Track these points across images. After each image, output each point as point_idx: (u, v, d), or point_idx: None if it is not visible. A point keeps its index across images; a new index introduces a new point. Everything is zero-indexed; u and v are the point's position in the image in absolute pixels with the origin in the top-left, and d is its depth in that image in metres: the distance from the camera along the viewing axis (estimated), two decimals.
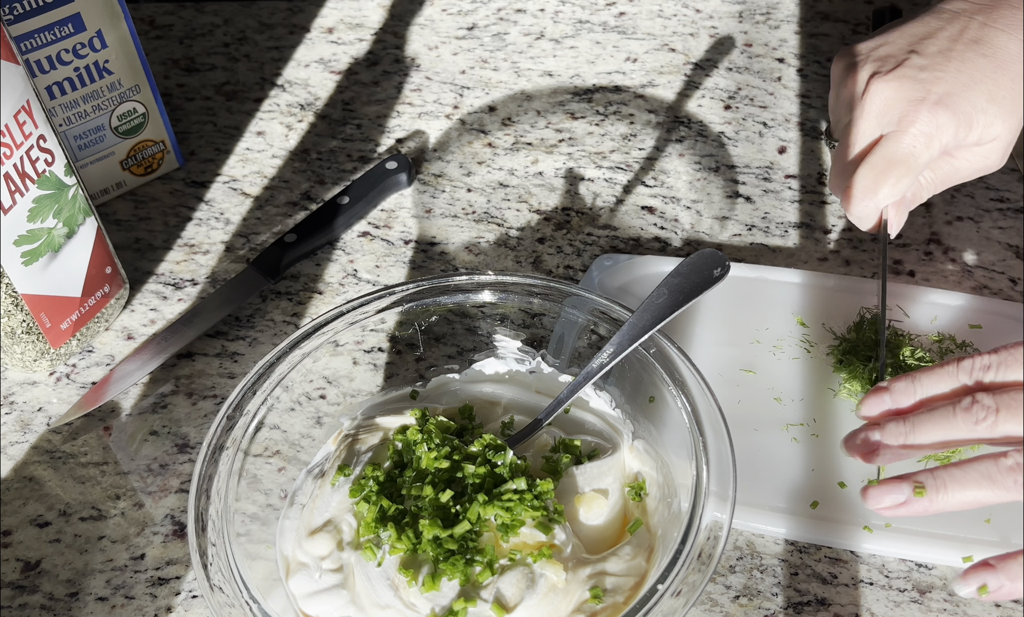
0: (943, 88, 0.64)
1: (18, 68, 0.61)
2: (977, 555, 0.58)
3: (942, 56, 0.65)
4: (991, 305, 0.71)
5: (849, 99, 0.67)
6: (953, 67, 0.64)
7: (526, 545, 0.54)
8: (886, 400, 0.54)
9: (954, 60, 0.65)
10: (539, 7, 1.02)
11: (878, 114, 0.65)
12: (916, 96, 0.64)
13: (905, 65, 0.65)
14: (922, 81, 0.64)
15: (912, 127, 0.64)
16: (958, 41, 0.66)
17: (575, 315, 0.64)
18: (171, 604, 0.59)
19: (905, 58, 0.65)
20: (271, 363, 0.60)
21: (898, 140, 0.64)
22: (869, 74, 0.66)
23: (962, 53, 0.65)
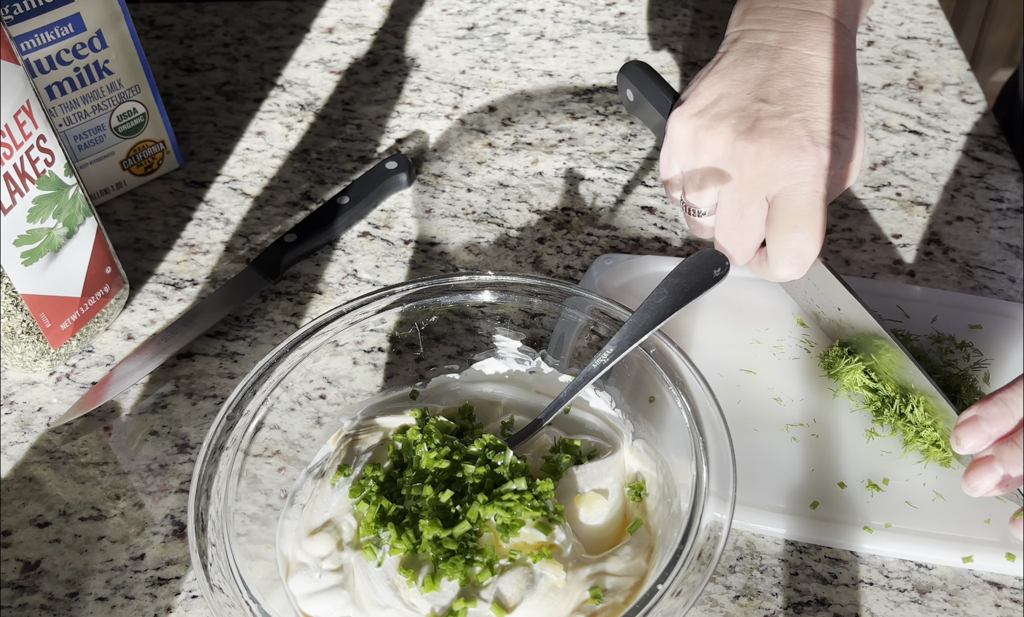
0: (812, 127, 0.61)
1: (18, 68, 0.61)
2: (977, 555, 0.59)
3: (789, 98, 0.62)
4: (991, 305, 0.71)
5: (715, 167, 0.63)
6: (806, 104, 0.62)
7: (526, 545, 0.54)
8: (984, 429, 0.53)
9: (803, 98, 0.62)
10: (539, 7, 1.02)
11: (762, 176, 0.61)
12: (794, 145, 0.60)
13: (762, 118, 0.61)
14: (790, 128, 0.61)
15: (807, 175, 0.60)
16: (791, 77, 0.63)
17: (575, 315, 0.64)
18: (171, 604, 0.59)
19: (757, 109, 0.62)
20: (271, 363, 0.60)
21: (799, 192, 0.61)
22: (732, 137, 0.62)
23: (803, 89, 0.62)
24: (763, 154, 0.61)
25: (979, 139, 0.86)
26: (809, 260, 0.62)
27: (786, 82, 0.63)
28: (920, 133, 0.87)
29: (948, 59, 0.95)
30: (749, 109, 0.62)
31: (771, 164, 0.61)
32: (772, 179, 0.61)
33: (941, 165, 0.84)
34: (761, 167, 0.61)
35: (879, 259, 0.77)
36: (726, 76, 0.64)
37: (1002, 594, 0.58)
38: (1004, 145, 0.85)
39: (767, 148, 0.61)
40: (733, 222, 0.63)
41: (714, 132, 0.62)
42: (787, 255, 0.62)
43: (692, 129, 0.64)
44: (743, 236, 0.64)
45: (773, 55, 0.64)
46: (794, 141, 0.61)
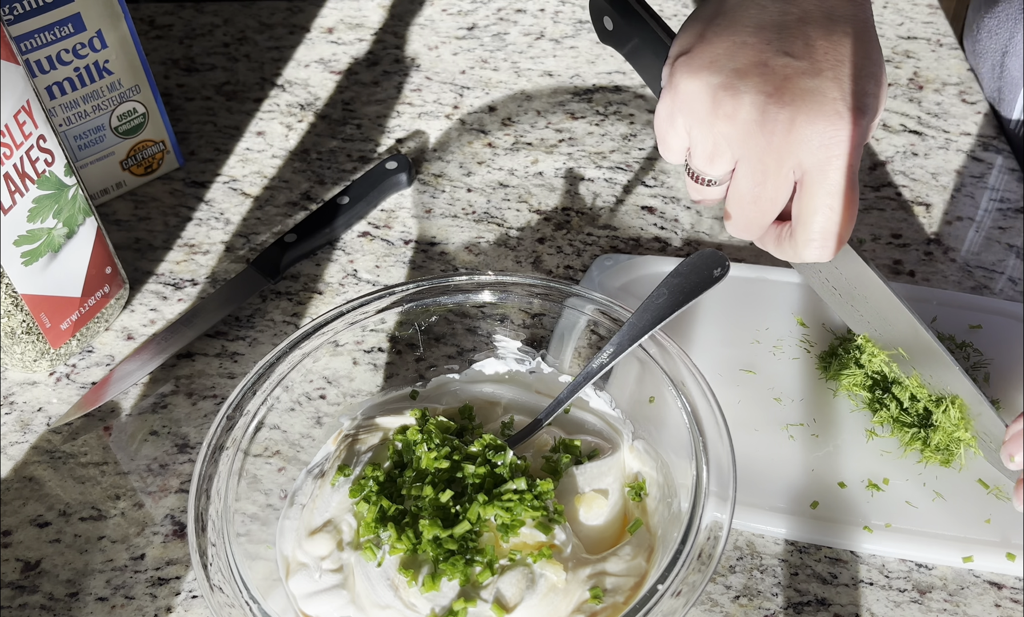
0: (847, 89, 0.54)
1: (18, 68, 0.61)
2: (977, 555, 0.59)
3: (815, 50, 0.54)
4: (991, 305, 0.71)
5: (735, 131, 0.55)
6: (835, 59, 0.54)
7: (526, 545, 0.54)
8: None
9: (831, 51, 0.54)
10: (539, 7, 1.02)
11: (792, 144, 0.54)
12: (829, 111, 0.53)
13: (792, 76, 0.53)
14: (823, 90, 0.53)
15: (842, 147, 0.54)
16: (813, 24, 0.55)
17: (575, 315, 0.64)
18: (171, 604, 0.59)
19: (784, 64, 0.54)
20: (271, 363, 0.60)
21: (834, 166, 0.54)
22: (760, 99, 0.53)
23: (829, 38, 0.54)
24: (797, 120, 0.53)
25: (979, 139, 0.86)
26: (842, 242, 0.56)
27: (810, 30, 0.55)
28: (920, 133, 0.87)
29: (948, 59, 0.95)
30: (773, 64, 0.54)
31: (806, 132, 0.53)
32: (806, 149, 0.54)
33: (941, 165, 0.84)
34: (795, 134, 0.53)
35: (879, 259, 0.77)
36: (736, 20, 0.55)
37: (1002, 594, 0.58)
38: (1004, 145, 0.85)
39: (801, 113, 0.53)
40: (752, 194, 0.56)
41: (737, 93, 0.54)
42: (819, 236, 0.55)
43: (707, 86, 0.55)
44: (761, 209, 0.57)
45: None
46: (830, 106, 0.53)
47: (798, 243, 0.56)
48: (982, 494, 0.61)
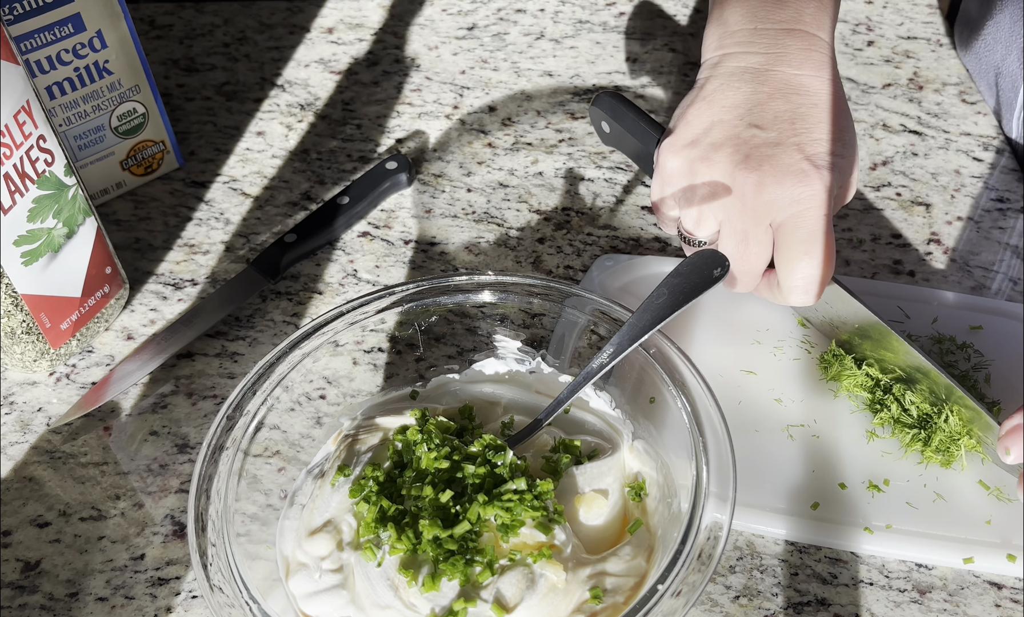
0: (809, 150, 0.60)
1: (18, 68, 0.61)
2: (978, 556, 0.59)
3: (782, 121, 0.61)
4: (992, 305, 0.71)
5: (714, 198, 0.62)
6: (801, 127, 0.61)
7: (526, 545, 0.54)
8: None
9: (797, 121, 0.61)
10: (539, 7, 1.02)
11: (766, 205, 0.60)
12: (794, 171, 0.59)
13: (759, 145, 0.60)
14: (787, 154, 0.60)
15: (813, 200, 0.60)
16: (782, 99, 0.62)
17: (575, 315, 0.64)
18: (171, 604, 0.59)
19: (752, 136, 0.61)
20: (271, 363, 0.60)
21: (806, 218, 0.60)
22: (730, 167, 0.60)
23: (795, 111, 0.61)
24: (765, 182, 0.60)
25: (979, 139, 0.86)
26: (822, 285, 0.62)
27: (778, 105, 0.62)
28: (920, 133, 0.87)
29: (948, 59, 0.95)
30: (743, 136, 0.61)
31: (774, 192, 0.60)
32: (776, 207, 0.60)
33: (941, 165, 0.84)
34: (764, 196, 0.60)
35: (879, 259, 0.77)
36: (714, 102, 0.63)
37: (1002, 594, 0.58)
38: (1004, 145, 0.85)
39: (768, 175, 0.60)
40: (738, 252, 0.63)
41: (711, 162, 0.61)
42: (801, 282, 0.62)
43: (686, 160, 0.62)
44: (749, 264, 0.63)
45: (759, 78, 0.63)
46: (794, 166, 0.60)
47: (785, 292, 0.63)
48: (983, 495, 0.61)
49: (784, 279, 0.62)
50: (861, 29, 0.98)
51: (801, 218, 0.60)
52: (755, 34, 0.64)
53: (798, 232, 0.60)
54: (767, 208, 0.60)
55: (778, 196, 0.60)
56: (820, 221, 0.60)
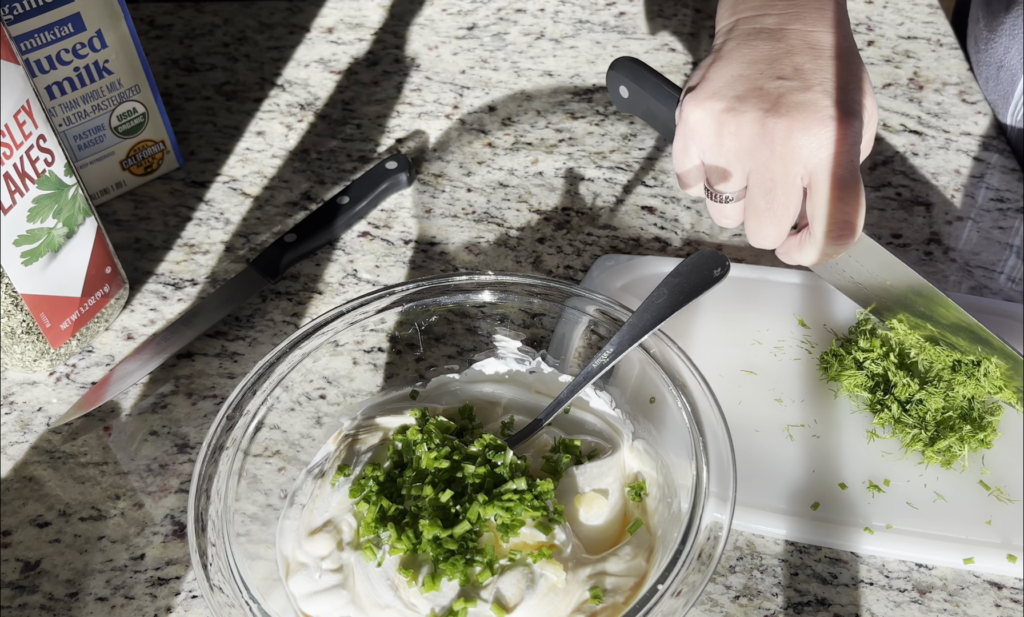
0: (838, 97, 0.60)
1: (18, 68, 0.61)
2: (978, 557, 0.59)
3: (804, 73, 0.61)
4: (993, 306, 0.71)
5: (743, 148, 0.61)
6: (823, 77, 0.61)
7: (526, 545, 0.54)
8: None
9: (818, 72, 0.61)
10: (539, 7, 1.02)
11: (794, 151, 0.60)
12: (824, 116, 0.59)
13: (785, 93, 0.60)
14: (814, 102, 0.60)
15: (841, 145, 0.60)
16: (800, 54, 0.62)
17: (576, 315, 0.64)
18: (171, 604, 0.59)
19: (777, 85, 0.61)
20: (271, 363, 0.60)
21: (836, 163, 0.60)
22: (759, 115, 0.60)
23: (815, 63, 0.62)
24: (794, 127, 0.59)
25: (979, 139, 0.86)
26: (857, 230, 0.61)
27: (798, 59, 0.62)
28: (920, 133, 0.87)
29: (948, 59, 0.95)
30: (768, 87, 0.61)
31: (804, 138, 0.59)
32: (807, 152, 0.60)
33: (941, 165, 0.84)
34: (794, 141, 0.59)
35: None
36: (733, 59, 0.63)
37: (1002, 594, 0.58)
38: (1004, 145, 0.85)
39: (798, 120, 0.59)
40: (766, 203, 0.62)
41: (738, 113, 0.60)
42: (835, 227, 0.61)
43: (712, 112, 0.62)
44: (777, 216, 0.62)
45: (776, 36, 0.63)
46: (824, 112, 0.59)
47: (816, 239, 0.62)
48: (983, 496, 0.61)
49: (816, 226, 0.61)
50: (861, 29, 0.98)
51: (833, 162, 0.60)
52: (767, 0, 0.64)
53: (831, 177, 0.60)
54: (796, 154, 0.60)
55: (808, 142, 0.59)
56: (849, 165, 0.60)
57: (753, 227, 0.64)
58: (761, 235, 0.64)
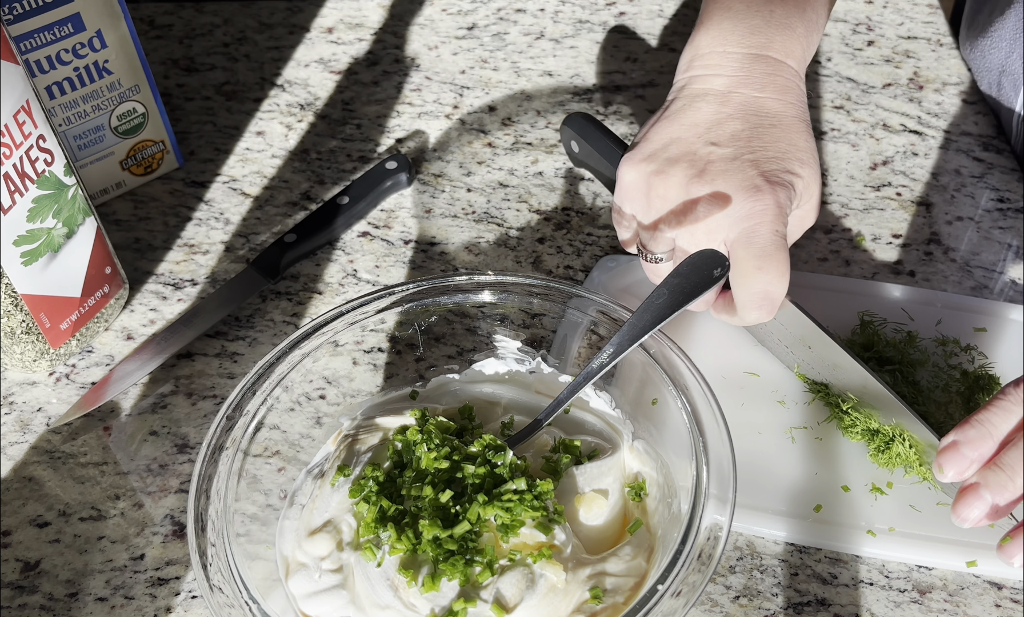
0: (764, 167, 0.60)
1: (18, 68, 0.61)
2: (981, 560, 0.58)
3: (739, 140, 0.61)
4: (996, 308, 0.71)
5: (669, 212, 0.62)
6: (757, 145, 0.61)
7: (526, 545, 0.54)
8: (965, 454, 0.51)
9: (753, 140, 0.61)
10: (539, 7, 1.02)
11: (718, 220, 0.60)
12: (747, 186, 0.60)
13: (714, 161, 0.61)
14: (742, 170, 0.60)
15: (765, 215, 0.59)
16: (740, 119, 0.62)
17: (578, 316, 0.64)
18: (171, 604, 0.59)
19: (708, 152, 0.61)
20: (271, 363, 0.60)
21: (759, 233, 0.59)
22: (684, 180, 0.61)
23: (753, 130, 0.62)
24: (716, 197, 0.60)
25: (979, 139, 0.86)
26: (777, 301, 0.61)
27: (736, 125, 0.62)
28: (920, 133, 0.87)
29: (948, 59, 0.94)
30: (700, 152, 0.61)
31: (726, 208, 0.60)
32: (729, 222, 0.60)
33: (941, 165, 0.84)
34: (715, 212, 0.60)
35: (879, 259, 0.77)
36: (675, 121, 0.64)
37: (1002, 594, 0.58)
38: (1004, 145, 0.85)
39: (720, 189, 0.60)
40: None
41: (666, 176, 0.61)
42: (755, 298, 0.60)
43: (643, 174, 0.63)
44: None
45: (722, 99, 0.63)
46: (747, 181, 0.60)
47: (740, 307, 0.62)
48: None
49: (738, 295, 0.61)
50: (861, 29, 0.98)
51: (753, 233, 0.59)
52: (724, 57, 0.64)
53: (752, 247, 0.59)
54: (719, 223, 0.60)
55: (730, 211, 0.60)
56: (772, 235, 0.59)
57: None
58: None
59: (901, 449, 0.61)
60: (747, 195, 0.59)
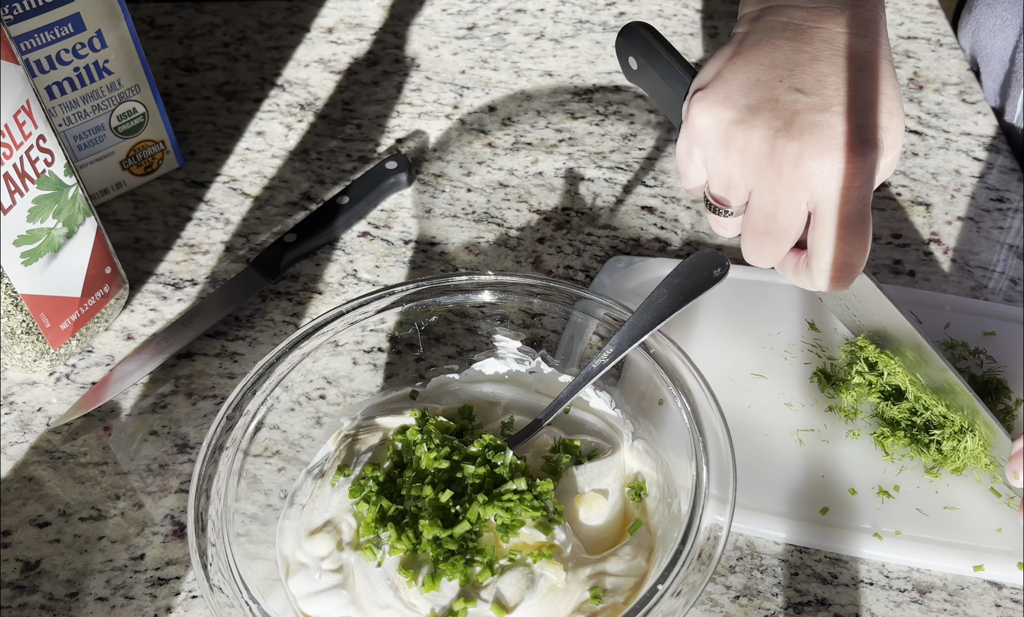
0: (855, 121, 0.55)
1: (18, 68, 0.61)
2: (988, 564, 0.58)
3: (826, 86, 0.56)
4: (1005, 311, 0.71)
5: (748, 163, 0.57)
6: (844, 95, 0.56)
7: (526, 545, 0.54)
8: None
9: (841, 88, 0.56)
10: (539, 7, 1.02)
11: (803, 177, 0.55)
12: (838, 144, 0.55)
13: (801, 111, 0.55)
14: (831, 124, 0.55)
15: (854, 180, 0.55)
16: (826, 61, 0.57)
17: (584, 318, 0.64)
18: (171, 604, 0.59)
19: (793, 100, 0.56)
20: (271, 363, 0.60)
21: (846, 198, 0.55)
22: (769, 133, 0.55)
23: (841, 75, 0.56)
24: (805, 153, 0.55)
25: (979, 139, 0.86)
26: (856, 273, 0.57)
27: (821, 67, 0.56)
28: (920, 133, 0.87)
29: (948, 59, 0.94)
30: (783, 99, 0.56)
31: (814, 164, 0.54)
32: (815, 181, 0.55)
33: (941, 165, 0.84)
34: (803, 168, 0.55)
35: (879, 259, 0.77)
36: (751, 59, 0.57)
37: (1002, 594, 0.58)
38: (1004, 145, 0.85)
39: (809, 146, 0.54)
40: (766, 225, 0.58)
41: (747, 127, 0.56)
42: (834, 268, 0.57)
43: (720, 121, 0.57)
44: (775, 240, 0.58)
45: (802, 35, 0.57)
46: (839, 139, 0.55)
47: (812, 273, 0.58)
48: (994, 503, 0.61)
49: (815, 261, 0.57)
50: None
51: (841, 198, 0.55)
52: None
53: (837, 213, 0.55)
54: (804, 181, 0.55)
55: (818, 169, 0.55)
56: (859, 203, 0.55)
57: (750, 246, 0.60)
58: (757, 255, 0.60)
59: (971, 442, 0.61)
60: (837, 155, 0.54)
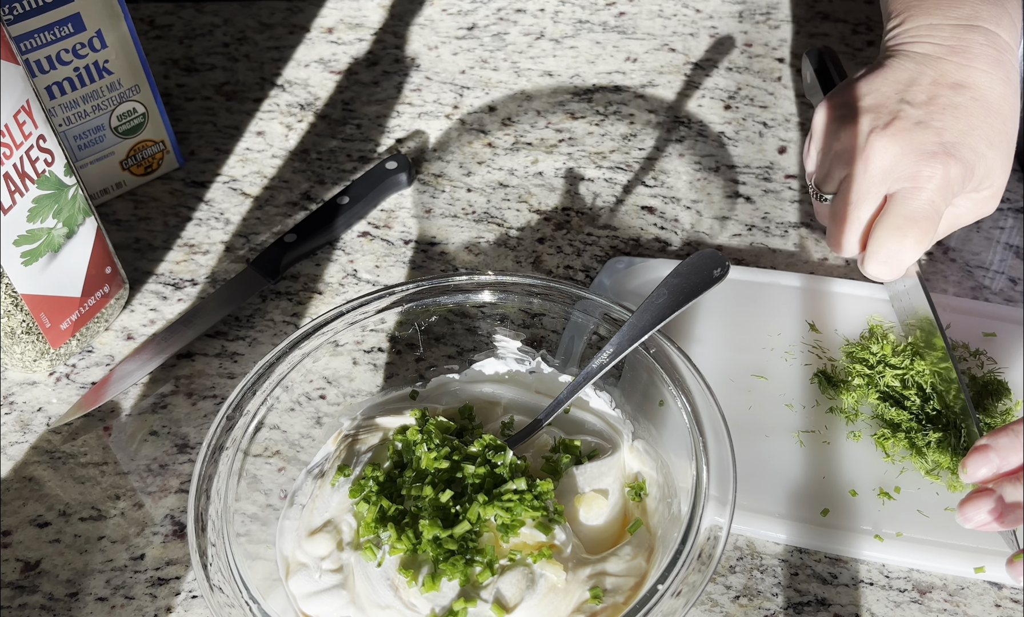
0: (947, 137, 0.62)
1: (18, 68, 0.61)
2: (989, 566, 0.58)
3: (933, 106, 0.63)
4: (1006, 313, 0.71)
5: (845, 153, 0.65)
6: (949, 115, 0.63)
7: (526, 545, 0.54)
8: (992, 459, 0.51)
9: (948, 108, 0.63)
10: (539, 7, 1.02)
11: (884, 171, 0.62)
12: (925, 150, 0.61)
13: (901, 117, 0.63)
14: (925, 133, 0.62)
15: (929, 183, 0.61)
16: (943, 86, 0.64)
17: (585, 319, 0.64)
18: (171, 604, 0.59)
19: (898, 109, 0.63)
20: (271, 363, 0.60)
21: (916, 196, 0.62)
22: (868, 129, 0.63)
23: (951, 99, 0.63)
24: (890, 150, 0.62)
25: None
26: (904, 266, 0.63)
27: (936, 90, 0.64)
28: None
29: None
30: (890, 106, 0.64)
31: (896, 162, 0.62)
32: (894, 178, 0.62)
33: None
34: (886, 163, 0.62)
35: None
36: (879, 74, 0.66)
37: (1002, 594, 0.58)
38: None
39: (896, 145, 0.62)
40: (846, 211, 0.65)
41: (851, 122, 0.64)
42: (882, 254, 0.63)
43: (832, 117, 0.66)
44: (851, 227, 0.65)
45: (928, 62, 0.65)
46: (925, 146, 0.61)
47: (867, 255, 0.65)
48: None
49: (871, 245, 0.64)
50: (861, 29, 0.98)
51: (911, 195, 0.62)
52: (929, 29, 0.67)
53: (903, 207, 0.62)
54: (884, 176, 0.62)
55: (898, 167, 0.62)
56: (926, 204, 0.61)
57: (832, 230, 0.67)
58: (835, 239, 0.67)
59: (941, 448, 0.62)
60: (918, 158, 0.61)
